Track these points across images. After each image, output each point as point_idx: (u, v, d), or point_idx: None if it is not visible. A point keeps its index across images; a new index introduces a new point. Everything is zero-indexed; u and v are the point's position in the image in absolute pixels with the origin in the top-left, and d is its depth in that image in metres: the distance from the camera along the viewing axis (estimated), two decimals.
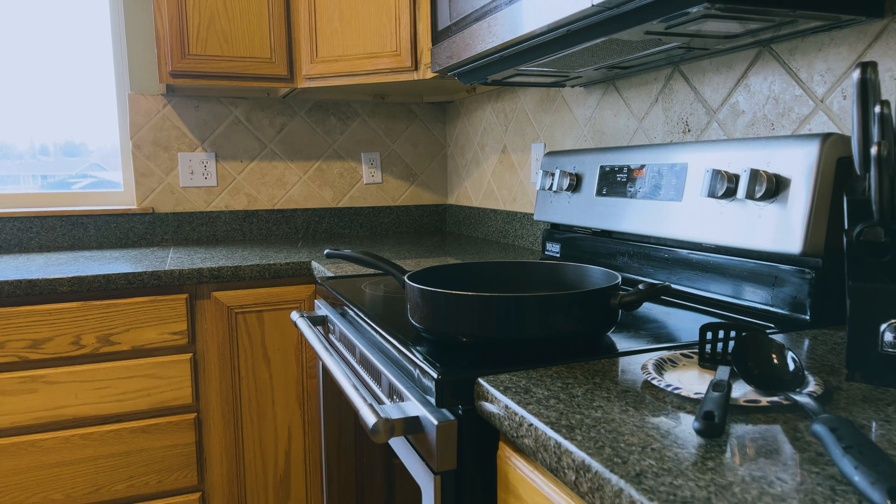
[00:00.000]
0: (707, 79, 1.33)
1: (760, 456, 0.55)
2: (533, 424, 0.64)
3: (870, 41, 1.01)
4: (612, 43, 1.11)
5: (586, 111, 1.73)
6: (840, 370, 0.76)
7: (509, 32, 1.12)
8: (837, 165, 0.96)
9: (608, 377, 0.76)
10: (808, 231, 0.96)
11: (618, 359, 0.83)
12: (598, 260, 1.43)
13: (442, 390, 0.77)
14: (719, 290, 1.13)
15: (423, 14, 1.82)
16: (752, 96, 1.23)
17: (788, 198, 0.99)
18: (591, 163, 1.49)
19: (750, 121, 1.23)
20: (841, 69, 1.06)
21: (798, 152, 0.98)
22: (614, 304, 0.87)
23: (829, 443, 0.53)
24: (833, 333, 0.93)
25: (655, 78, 1.47)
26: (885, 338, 0.69)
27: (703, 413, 0.58)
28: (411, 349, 0.88)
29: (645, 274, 1.30)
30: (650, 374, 0.73)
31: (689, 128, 1.38)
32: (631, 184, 1.34)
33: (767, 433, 0.59)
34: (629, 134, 1.57)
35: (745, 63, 1.24)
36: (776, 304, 1.03)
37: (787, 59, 1.15)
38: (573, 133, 1.80)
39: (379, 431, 0.79)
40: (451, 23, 1.36)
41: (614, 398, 0.69)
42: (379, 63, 1.92)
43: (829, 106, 1.08)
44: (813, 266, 0.97)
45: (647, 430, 0.60)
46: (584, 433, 0.60)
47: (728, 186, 1.05)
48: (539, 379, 0.75)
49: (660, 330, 0.98)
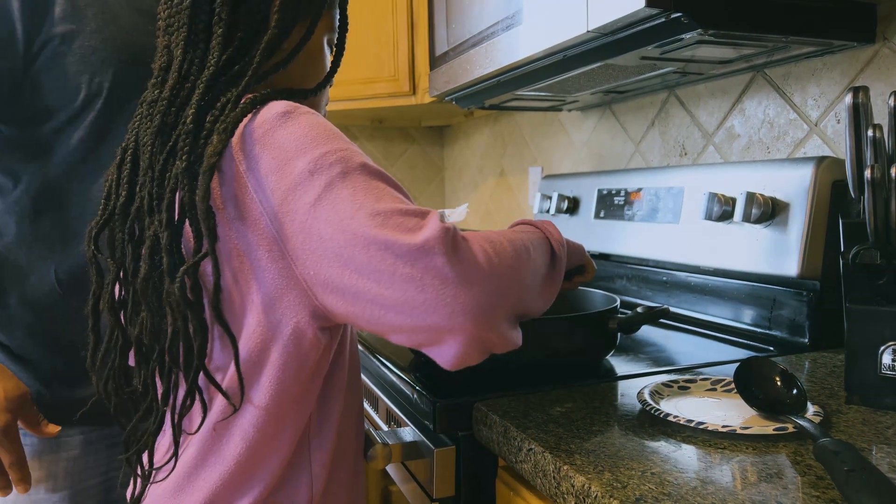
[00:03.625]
0: (703, 103, 1.34)
1: (762, 480, 0.54)
2: (532, 449, 0.63)
3: (862, 66, 1.02)
4: (608, 68, 1.12)
5: (583, 135, 1.75)
6: (840, 393, 0.76)
7: (506, 58, 1.13)
8: (833, 188, 0.96)
9: (607, 401, 0.75)
10: (804, 254, 0.96)
11: (617, 383, 0.83)
12: (597, 283, 1.43)
13: (440, 415, 0.76)
14: (718, 312, 1.13)
15: (421, 39, 1.84)
16: (747, 120, 1.24)
17: (785, 221, 0.99)
18: (589, 186, 1.49)
19: (746, 144, 1.24)
20: (834, 93, 1.07)
21: (793, 175, 0.99)
22: (613, 328, 0.87)
23: (831, 466, 0.52)
24: (832, 356, 0.92)
25: (652, 102, 1.48)
26: (883, 360, 0.69)
27: None
28: (409, 374, 0.88)
29: (644, 297, 1.30)
30: (648, 400, 0.72)
31: (686, 151, 1.39)
32: (628, 207, 1.34)
33: (768, 457, 0.59)
34: (626, 157, 1.58)
35: (739, 87, 1.25)
36: (775, 326, 1.02)
37: (781, 83, 1.16)
38: (570, 156, 1.81)
39: (376, 457, 0.78)
40: (448, 48, 1.37)
41: (613, 422, 0.69)
42: (377, 88, 1.94)
43: (824, 129, 1.09)
44: (811, 289, 0.97)
45: (647, 455, 0.60)
46: (584, 458, 0.59)
47: (725, 209, 1.06)
48: (538, 403, 0.75)
49: (659, 353, 0.98)
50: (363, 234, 0.51)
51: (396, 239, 0.51)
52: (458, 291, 0.51)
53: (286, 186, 0.55)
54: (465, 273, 0.52)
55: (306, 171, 0.54)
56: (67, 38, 0.82)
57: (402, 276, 0.51)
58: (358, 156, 0.57)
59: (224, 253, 0.58)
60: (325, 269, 0.54)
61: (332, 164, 0.54)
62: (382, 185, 0.55)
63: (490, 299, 0.53)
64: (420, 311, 0.52)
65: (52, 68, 0.82)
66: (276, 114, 0.58)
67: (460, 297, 0.52)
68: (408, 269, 0.51)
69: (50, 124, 0.84)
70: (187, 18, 0.63)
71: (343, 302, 0.54)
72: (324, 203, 0.53)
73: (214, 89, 0.60)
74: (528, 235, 0.65)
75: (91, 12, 0.84)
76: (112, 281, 0.63)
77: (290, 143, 0.56)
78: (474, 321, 0.52)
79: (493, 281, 0.54)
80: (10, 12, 0.79)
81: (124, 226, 0.61)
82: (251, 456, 0.61)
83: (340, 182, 0.54)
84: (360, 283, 0.52)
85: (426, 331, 0.53)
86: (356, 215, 0.52)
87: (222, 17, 0.62)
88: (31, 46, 0.81)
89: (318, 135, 0.57)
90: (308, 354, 0.60)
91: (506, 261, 0.57)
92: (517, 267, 0.58)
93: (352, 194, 0.53)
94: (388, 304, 0.52)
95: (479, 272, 0.53)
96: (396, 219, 0.52)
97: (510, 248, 0.59)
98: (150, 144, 0.60)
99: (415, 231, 0.52)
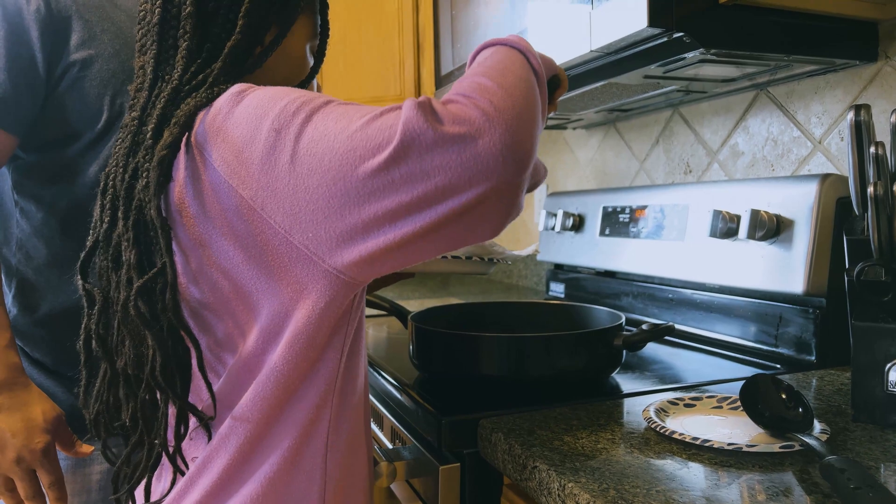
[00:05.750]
0: (706, 121, 1.35)
1: (769, 499, 0.54)
2: (537, 467, 0.63)
3: (864, 84, 1.03)
4: (612, 86, 1.13)
5: (588, 152, 1.76)
6: (847, 411, 0.75)
7: None
8: (837, 205, 0.96)
9: (612, 419, 0.75)
10: (810, 271, 0.96)
11: (622, 400, 0.82)
12: (602, 300, 1.43)
13: (445, 433, 0.76)
14: (724, 330, 1.12)
15: (427, 59, 1.86)
16: (751, 138, 1.24)
17: (790, 238, 0.99)
18: (594, 203, 1.50)
19: (750, 162, 1.25)
20: (837, 111, 1.08)
21: (798, 193, 0.99)
22: (618, 345, 0.87)
23: (838, 484, 0.52)
24: (839, 374, 0.92)
25: (656, 120, 1.49)
26: (890, 378, 0.69)
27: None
28: (414, 391, 0.88)
29: (649, 314, 1.30)
30: (654, 418, 0.72)
31: (691, 169, 1.40)
32: (633, 224, 1.35)
33: (775, 475, 0.59)
34: (631, 175, 1.58)
35: (743, 105, 1.26)
36: (781, 344, 1.02)
37: (785, 101, 1.17)
38: (575, 174, 1.82)
39: (381, 475, 0.78)
40: (454, 68, 1.39)
41: (619, 440, 0.68)
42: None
43: (828, 147, 1.09)
44: (817, 306, 0.97)
45: (653, 473, 0.60)
46: (589, 476, 0.59)
47: (730, 227, 1.06)
48: (543, 420, 0.75)
49: (665, 371, 0.98)
50: (350, 172, 0.49)
51: (381, 155, 0.48)
52: (475, 145, 0.47)
53: (259, 157, 0.53)
54: (468, 126, 0.48)
55: (273, 130, 0.52)
56: (87, 63, 0.84)
57: (418, 175, 0.48)
58: (320, 97, 0.54)
59: (210, 262, 0.57)
60: (338, 222, 0.51)
61: (295, 113, 0.52)
62: (351, 107, 0.52)
63: (511, 136, 0.48)
64: (464, 183, 0.48)
65: (75, 92, 0.84)
66: (230, 95, 0.56)
67: (481, 147, 0.47)
68: (416, 167, 0.48)
69: (75, 146, 0.87)
70: (156, 35, 0.62)
71: (377, 238, 0.51)
72: (300, 155, 0.51)
73: (177, 102, 0.59)
74: (509, 61, 0.56)
75: (108, 37, 0.86)
76: (98, 311, 0.60)
77: (250, 114, 0.54)
78: (507, 164, 0.48)
79: (503, 119, 0.49)
80: (30, 41, 0.81)
81: (107, 253, 0.59)
82: (260, 437, 0.59)
83: (309, 126, 0.51)
84: (385, 204, 0.49)
85: (485, 196, 0.48)
86: (335, 150, 0.50)
87: (187, 29, 0.61)
88: (53, 73, 0.84)
89: (273, 95, 0.54)
90: (322, 322, 0.57)
91: (508, 99, 0.51)
92: (524, 103, 0.52)
93: (323, 131, 0.51)
94: (432, 199, 0.48)
95: (484, 118, 0.48)
96: (373, 131, 0.49)
97: (506, 83, 0.52)
98: (123, 167, 0.59)
99: (393, 130, 0.48)
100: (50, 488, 0.82)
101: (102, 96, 0.85)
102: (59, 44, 0.83)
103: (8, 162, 0.89)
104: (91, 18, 0.85)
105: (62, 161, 0.87)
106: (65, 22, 0.83)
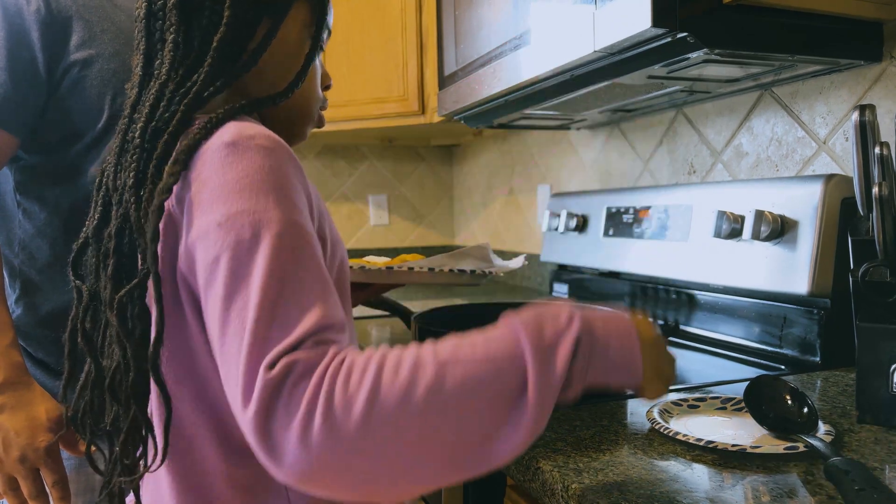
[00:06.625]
0: (710, 121, 1.34)
1: (773, 500, 0.54)
2: (540, 468, 0.63)
3: (869, 84, 1.03)
4: (616, 87, 1.13)
5: (592, 153, 1.75)
6: (852, 412, 0.75)
7: (514, 77, 1.15)
8: (842, 206, 0.96)
9: (616, 420, 0.75)
10: (814, 271, 0.95)
11: (626, 401, 0.82)
12: (606, 301, 1.42)
13: None
14: (728, 330, 1.12)
15: (430, 60, 1.86)
16: (755, 138, 1.24)
17: (794, 238, 0.99)
18: (598, 204, 1.50)
19: (754, 162, 1.24)
20: (842, 111, 1.07)
21: (802, 193, 0.99)
22: None
23: (842, 486, 0.52)
24: (844, 375, 0.92)
25: (660, 120, 1.49)
26: (895, 378, 0.69)
27: None
28: None
29: (653, 315, 1.30)
30: (657, 419, 0.72)
31: (695, 169, 1.39)
32: (637, 224, 1.34)
33: (779, 476, 0.58)
34: (635, 175, 1.58)
35: (747, 106, 1.25)
36: (786, 345, 1.02)
37: (789, 101, 1.17)
38: (579, 175, 1.82)
39: None
40: (457, 68, 1.39)
41: (622, 441, 0.68)
42: (386, 108, 1.96)
43: (832, 147, 1.09)
44: (821, 307, 0.97)
45: (656, 474, 0.59)
46: (592, 477, 0.59)
47: (734, 227, 1.06)
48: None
49: None
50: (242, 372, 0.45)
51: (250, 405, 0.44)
52: (277, 473, 0.44)
53: (195, 234, 0.51)
54: (277, 448, 0.43)
55: (214, 223, 0.50)
56: (87, 63, 0.85)
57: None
58: (272, 224, 0.49)
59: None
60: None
61: (241, 227, 0.49)
62: (281, 285, 0.47)
63: (322, 472, 0.43)
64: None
65: (76, 92, 0.85)
66: (219, 145, 0.52)
67: (280, 477, 0.44)
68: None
69: (77, 147, 0.87)
70: (144, 29, 0.60)
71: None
72: (215, 282, 0.48)
73: (164, 100, 0.56)
74: (485, 374, 0.48)
75: (108, 37, 0.86)
76: (84, 308, 0.59)
77: (215, 184, 0.51)
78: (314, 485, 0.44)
79: (322, 457, 0.43)
80: (31, 42, 0.82)
81: (98, 249, 0.58)
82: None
83: (240, 269, 0.48)
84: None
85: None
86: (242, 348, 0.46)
87: (172, 21, 0.58)
88: (54, 73, 0.84)
89: (245, 185, 0.50)
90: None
91: (376, 417, 0.44)
92: (401, 451, 0.45)
93: (240, 311, 0.47)
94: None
95: (299, 444, 0.42)
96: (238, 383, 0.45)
97: (402, 395, 0.45)
98: (114, 164, 0.58)
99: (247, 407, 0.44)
100: (53, 487, 0.82)
101: (103, 96, 0.85)
102: (59, 44, 0.83)
103: (10, 163, 0.89)
104: (91, 18, 0.85)
105: (65, 161, 0.87)
106: (65, 22, 0.84)
